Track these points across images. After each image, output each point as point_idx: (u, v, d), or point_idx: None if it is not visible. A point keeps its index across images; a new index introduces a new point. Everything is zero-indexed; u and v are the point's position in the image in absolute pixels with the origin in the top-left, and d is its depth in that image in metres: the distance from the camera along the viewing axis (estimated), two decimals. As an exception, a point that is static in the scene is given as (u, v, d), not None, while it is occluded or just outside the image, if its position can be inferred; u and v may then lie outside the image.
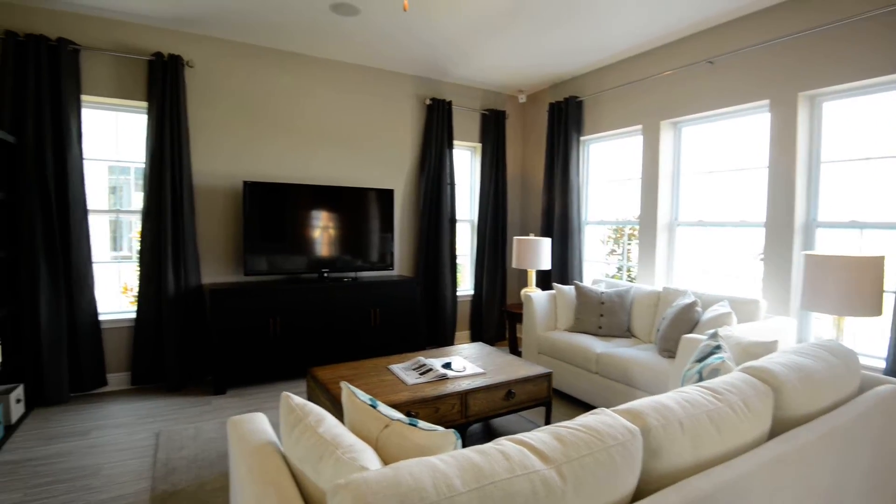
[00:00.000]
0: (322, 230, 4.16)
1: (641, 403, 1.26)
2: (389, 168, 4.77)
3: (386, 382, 2.48)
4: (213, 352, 3.61)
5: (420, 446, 1.12)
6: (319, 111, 4.38)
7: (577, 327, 3.71)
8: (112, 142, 3.91)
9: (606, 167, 4.76)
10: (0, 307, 3.06)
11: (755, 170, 3.49)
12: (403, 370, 2.67)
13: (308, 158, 4.35)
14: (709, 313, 2.97)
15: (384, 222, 4.45)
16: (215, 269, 4.01)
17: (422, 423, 1.19)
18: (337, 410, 2.24)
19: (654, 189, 4.05)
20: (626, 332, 3.63)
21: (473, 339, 5.28)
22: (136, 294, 3.67)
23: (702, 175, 3.88)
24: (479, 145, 5.28)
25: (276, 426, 2.94)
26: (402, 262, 4.87)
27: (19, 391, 3.12)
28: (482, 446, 0.99)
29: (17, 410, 3.08)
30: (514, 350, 4.58)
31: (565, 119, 4.70)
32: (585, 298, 3.71)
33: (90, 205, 3.52)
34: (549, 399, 2.73)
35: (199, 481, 2.40)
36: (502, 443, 1.01)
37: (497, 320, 5.23)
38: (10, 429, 2.95)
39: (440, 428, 1.15)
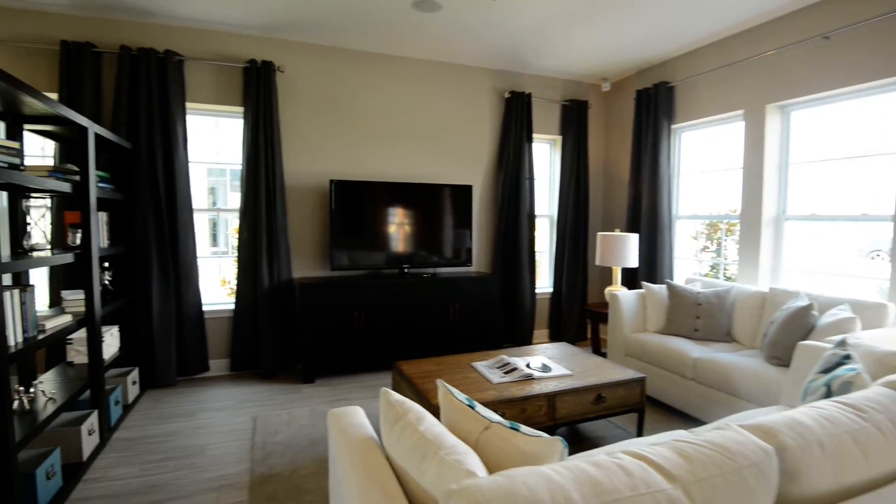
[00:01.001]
0: (402, 227, 4.22)
1: (773, 420, 1.12)
2: (468, 164, 4.74)
3: (471, 380, 2.45)
4: (303, 343, 3.78)
5: (524, 452, 1.07)
6: (398, 108, 4.44)
7: (670, 329, 3.48)
8: (211, 145, 4.20)
9: (699, 157, 4.42)
10: (119, 297, 3.38)
11: (881, 156, 3.07)
12: (487, 368, 2.63)
13: (389, 156, 4.43)
14: (827, 318, 2.65)
15: (462, 218, 4.43)
16: (304, 265, 4.20)
17: (524, 428, 1.14)
18: (423, 404, 2.24)
19: (757, 180, 3.70)
20: (726, 337, 3.35)
21: (552, 338, 5.14)
22: (235, 287, 3.92)
23: (814, 164, 3.49)
24: (558, 138, 5.11)
25: (371, 418, 3.02)
26: (479, 258, 4.84)
27: (135, 374, 3.45)
28: (597, 458, 0.92)
29: (133, 391, 3.40)
30: (597, 351, 4.39)
31: (654, 106, 4.42)
32: (679, 299, 3.47)
33: (194, 204, 3.81)
34: (642, 405, 2.57)
35: (294, 466, 2.50)
36: (620, 456, 0.93)
37: (577, 319, 5.05)
38: (127, 408, 3.26)
39: (545, 434, 1.09)
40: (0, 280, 1.75)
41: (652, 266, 4.44)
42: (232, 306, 4.02)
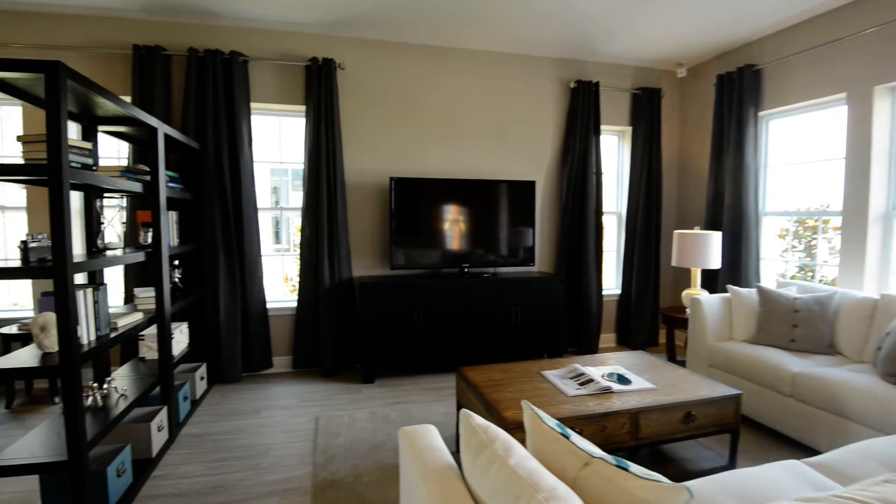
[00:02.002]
0: (462, 225, 4.08)
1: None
2: (530, 159, 4.53)
3: (542, 391, 2.27)
4: (362, 342, 3.72)
5: (638, 500, 0.89)
6: (458, 103, 4.30)
7: (761, 339, 3.13)
8: (275, 145, 4.23)
9: (790, 147, 3.98)
10: (188, 295, 3.45)
11: None
12: (559, 378, 2.43)
13: (449, 152, 4.30)
14: (964, 331, 2.26)
15: (524, 216, 4.24)
16: (363, 263, 4.15)
17: (634, 467, 0.96)
18: (492, 416, 2.09)
19: (863, 171, 3.27)
20: (828, 348, 2.97)
21: (619, 343, 4.84)
22: (297, 285, 3.93)
23: (941, 151, 3.02)
24: (628, 129, 4.79)
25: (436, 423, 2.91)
26: (542, 257, 4.62)
27: (203, 370, 3.51)
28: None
29: (200, 387, 3.46)
30: (673, 359, 4.07)
31: (738, 92, 4.03)
32: (773, 304, 3.11)
33: (258, 203, 3.83)
34: (737, 426, 2.29)
35: (356, 472, 2.42)
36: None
37: (649, 324, 4.72)
38: (195, 403, 3.31)
39: (664, 479, 0.91)
40: (72, 279, 1.76)
41: (735, 267, 4.05)
42: (294, 304, 4.04)
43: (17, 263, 1.80)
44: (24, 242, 1.86)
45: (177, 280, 3.44)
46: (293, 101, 3.95)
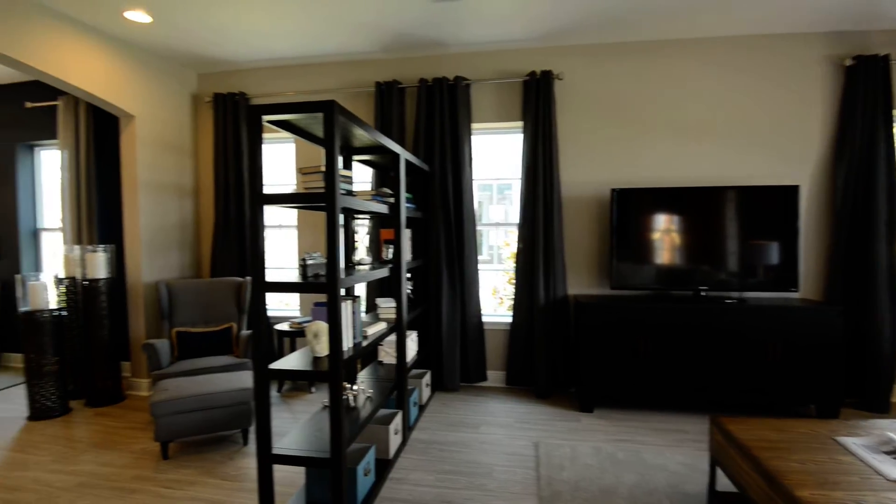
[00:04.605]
0: (699, 241, 3.53)
1: None
2: (785, 159, 3.71)
3: (844, 467, 1.72)
4: (578, 365, 3.49)
5: None
6: (690, 100, 3.76)
7: None
8: (482, 162, 4.33)
9: None
10: (417, 305, 3.70)
11: None
12: (867, 451, 1.83)
13: (680, 157, 3.80)
14: None
15: (781, 229, 3.46)
16: (578, 281, 3.92)
17: None
18: (773, 491, 1.65)
19: None
20: None
21: (928, 397, 3.60)
22: (512, 301, 3.91)
23: None
24: (943, 112, 3.57)
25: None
26: (808, 280, 3.72)
27: (427, 377, 3.71)
28: None
29: (425, 394, 3.66)
30: None
31: None
32: None
33: (477, 220, 3.94)
34: None
35: (585, 516, 2.21)
36: None
37: (981, 376, 3.41)
38: (422, 409, 3.51)
39: None
40: (339, 293, 1.95)
41: None
42: (505, 319, 4.04)
43: (289, 276, 2.09)
44: (303, 260, 2.16)
45: (408, 292, 3.72)
46: (510, 118, 3.97)
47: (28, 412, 3.55)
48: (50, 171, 4.90)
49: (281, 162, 4.60)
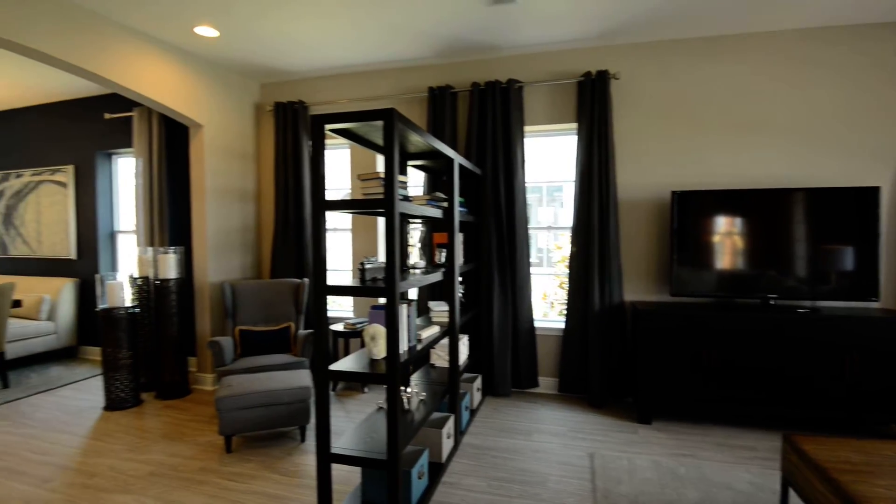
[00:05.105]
0: (766, 246, 3.34)
1: None
2: (864, 159, 3.44)
3: (942, 493, 1.57)
4: (635, 374, 3.38)
5: None
6: (753, 98, 3.56)
7: None
8: (534, 164, 4.28)
9: None
10: (469, 309, 3.70)
11: None
12: (969, 477, 1.66)
13: (744, 157, 3.60)
14: None
15: (860, 233, 3.22)
16: (636, 287, 3.80)
17: None
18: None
19: None
20: None
21: None
22: (565, 306, 3.84)
23: None
24: None
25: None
26: (890, 289, 3.44)
27: (478, 381, 3.70)
28: None
29: (476, 398, 3.65)
30: None
31: None
32: None
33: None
34: None
35: (645, 533, 2.13)
36: None
37: None
38: (473, 413, 3.50)
39: None
40: (398, 297, 1.98)
41: None
42: (557, 324, 3.96)
43: (343, 279, 2.14)
44: (361, 264, 2.21)
45: (460, 296, 3.73)
46: (563, 120, 3.90)
47: (104, 402, 3.81)
48: (126, 177, 5.26)
49: (334, 167, 4.73)
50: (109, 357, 3.71)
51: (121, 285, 3.77)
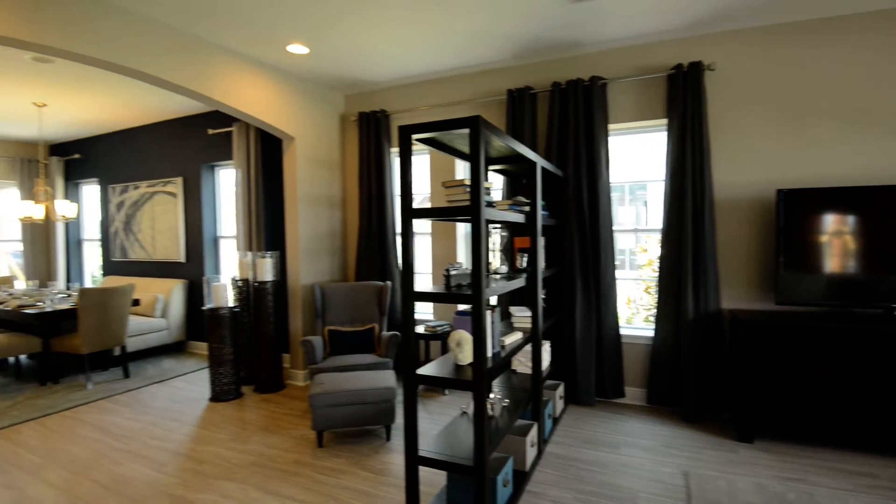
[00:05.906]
0: (887, 250, 2.95)
1: None
2: None
3: None
4: (735, 389, 3.13)
5: None
6: (866, 84, 3.15)
7: None
8: (619, 163, 4.09)
9: None
10: (551, 315, 3.62)
11: None
12: None
13: (855, 151, 3.21)
14: None
15: None
16: (735, 294, 3.51)
17: None
18: None
19: None
20: None
21: None
22: (654, 312, 3.64)
23: None
24: None
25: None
26: None
27: (561, 389, 3.61)
28: None
29: (559, 406, 3.56)
30: None
31: None
32: None
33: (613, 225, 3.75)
34: None
35: (752, 563, 1.96)
36: None
37: None
38: (556, 421, 3.42)
39: None
40: (485, 304, 1.97)
41: None
42: (643, 331, 3.77)
43: (423, 282, 2.16)
44: (447, 271, 2.23)
45: (541, 301, 3.66)
46: (651, 116, 3.71)
47: (210, 394, 4.16)
48: (226, 187, 5.72)
49: (413, 172, 4.83)
50: (215, 352, 4.04)
51: (224, 287, 4.10)
